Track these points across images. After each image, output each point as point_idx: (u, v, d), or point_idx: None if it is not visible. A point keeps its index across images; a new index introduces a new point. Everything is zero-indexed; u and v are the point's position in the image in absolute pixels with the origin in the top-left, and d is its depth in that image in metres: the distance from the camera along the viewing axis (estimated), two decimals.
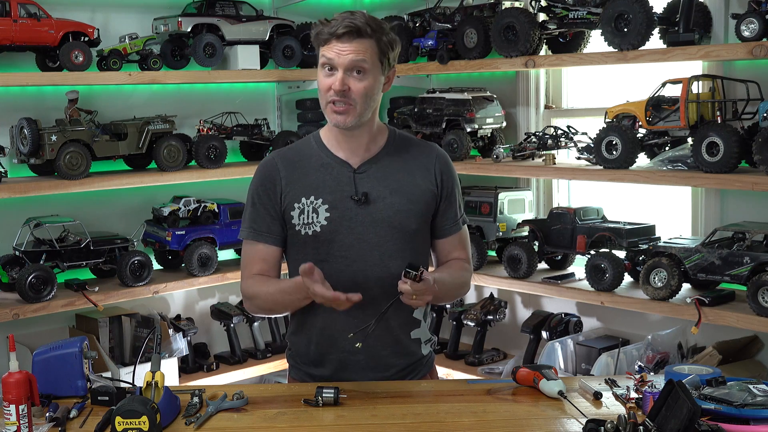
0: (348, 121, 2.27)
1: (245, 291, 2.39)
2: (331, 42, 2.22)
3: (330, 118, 2.29)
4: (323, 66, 2.25)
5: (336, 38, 2.21)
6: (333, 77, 2.23)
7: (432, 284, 2.17)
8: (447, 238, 2.44)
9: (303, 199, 2.33)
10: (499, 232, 3.91)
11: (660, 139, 3.37)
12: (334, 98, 2.24)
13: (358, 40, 2.21)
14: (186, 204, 4.02)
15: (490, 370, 3.95)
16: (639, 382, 2.13)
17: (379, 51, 2.25)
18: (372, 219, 2.31)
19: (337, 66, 2.22)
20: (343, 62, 2.21)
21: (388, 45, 2.27)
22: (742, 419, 1.91)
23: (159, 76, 3.86)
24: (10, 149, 3.64)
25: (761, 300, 2.97)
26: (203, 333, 4.32)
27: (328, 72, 2.25)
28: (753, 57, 2.94)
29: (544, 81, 4.13)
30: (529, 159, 3.88)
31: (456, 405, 2.14)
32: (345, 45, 2.21)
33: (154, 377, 2.00)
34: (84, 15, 3.84)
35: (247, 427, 2.02)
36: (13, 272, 3.60)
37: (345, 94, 2.23)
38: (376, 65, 2.25)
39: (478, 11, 3.89)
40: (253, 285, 2.37)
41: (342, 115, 2.26)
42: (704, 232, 3.40)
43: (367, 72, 2.24)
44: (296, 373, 2.47)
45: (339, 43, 2.21)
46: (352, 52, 2.21)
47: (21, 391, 1.95)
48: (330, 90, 2.24)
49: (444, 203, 2.41)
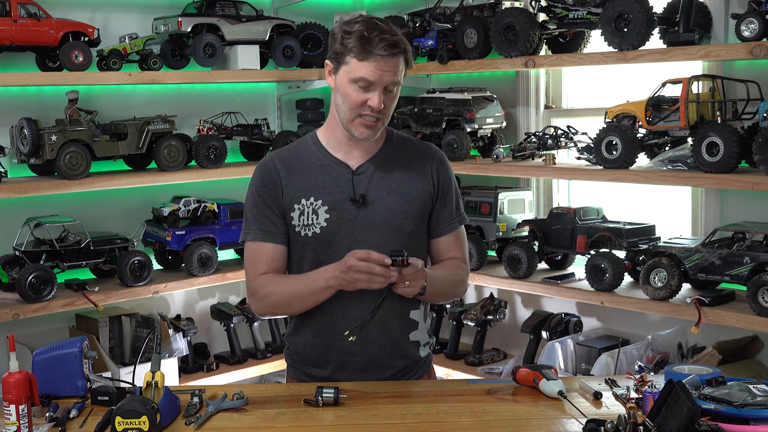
0: (376, 135, 2.29)
1: (257, 290, 2.36)
2: (371, 59, 2.19)
3: (358, 131, 2.27)
4: (356, 82, 2.22)
5: (380, 57, 2.18)
6: (369, 93, 2.22)
7: (421, 267, 2.20)
8: (442, 237, 2.44)
9: (303, 200, 2.32)
10: (499, 232, 3.91)
11: (660, 139, 3.37)
12: (368, 113, 2.24)
13: (396, 57, 2.21)
14: (186, 204, 4.02)
15: (490, 370, 3.95)
16: (639, 382, 2.13)
17: (405, 65, 2.26)
18: (370, 221, 2.31)
19: (376, 86, 2.21)
20: (383, 82, 2.21)
21: (410, 59, 2.28)
22: (742, 419, 1.91)
23: (159, 76, 3.86)
24: (10, 149, 3.64)
25: (761, 300, 2.97)
26: (203, 333, 4.33)
27: (362, 87, 2.22)
28: (753, 57, 2.94)
29: (544, 81, 4.13)
30: (529, 159, 3.88)
31: (456, 405, 2.14)
32: (386, 65, 2.20)
33: (154, 377, 2.00)
34: (84, 15, 3.84)
35: (247, 427, 2.02)
36: (13, 272, 3.60)
37: (380, 110, 2.24)
38: (402, 80, 2.28)
39: (478, 11, 3.89)
40: (266, 283, 2.34)
41: (371, 129, 2.27)
42: (704, 232, 3.40)
43: (398, 89, 2.27)
44: (294, 372, 2.47)
45: (382, 62, 2.19)
46: (391, 72, 2.21)
47: (21, 391, 1.95)
48: (364, 106, 2.23)
49: (439, 202, 2.41)
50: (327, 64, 2.31)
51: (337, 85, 2.28)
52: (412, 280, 2.19)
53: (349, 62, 2.22)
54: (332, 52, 2.27)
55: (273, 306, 2.38)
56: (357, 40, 2.19)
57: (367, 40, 2.18)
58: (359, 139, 2.30)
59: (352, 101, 2.24)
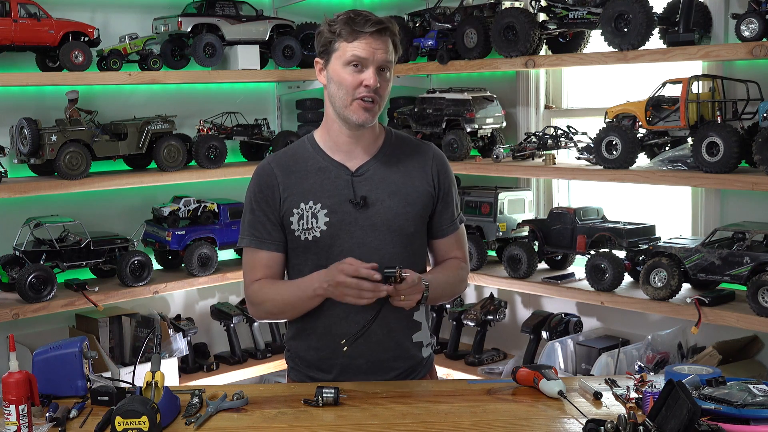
0: (374, 119, 2.28)
1: (252, 297, 2.37)
2: (361, 38, 2.20)
3: (356, 115, 2.25)
4: (349, 63, 2.22)
5: (369, 35, 2.19)
6: (364, 74, 2.22)
7: (417, 280, 2.18)
8: (444, 238, 2.44)
9: (302, 204, 2.31)
10: (499, 232, 3.91)
11: (660, 139, 3.37)
12: (364, 94, 2.22)
13: (385, 36, 2.22)
14: (186, 204, 4.02)
15: (490, 370, 3.95)
16: (639, 382, 2.13)
17: (395, 50, 2.27)
18: (371, 223, 2.30)
19: (369, 63, 2.21)
20: (376, 60, 2.21)
21: (398, 44, 2.29)
22: (742, 419, 1.91)
23: (159, 76, 3.86)
24: (10, 149, 3.64)
25: (761, 300, 2.97)
26: (203, 333, 4.32)
27: (355, 68, 2.22)
28: (753, 57, 2.94)
29: (544, 81, 4.13)
30: (529, 159, 3.88)
31: (456, 405, 2.14)
32: (376, 42, 2.20)
33: (154, 377, 2.00)
34: (84, 15, 3.84)
35: (247, 427, 2.02)
36: (13, 272, 3.60)
37: (375, 90, 2.23)
38: (393, 64, 2.28)
39: (478, 11, 3.89)
40: (259, 290, 2.35)
41: (369, 112, 2.25)
42: (704, 232, 3.40)
43: (391, 71, 2.27)
44: (296, 375, 2.46)
45: (371, 39, 2.20)
46: (382, 50, 2.21)
47: (21, 391, 1.95)
48: (360, 86, 2.22)
49: (441, 204, 2.40)
50: (317, 62, 2.32)
51: (330, 76, 2.27)
52: (407, 294, 2.18)
53: (338, 48, 2.23)
54: (320, 46, 2.28)
55: (268, 313, 2.41)
56: (344, 23, 2.21)
57: (353, 20, 2.20)
58: (357, 124, 2.26)
59: (347, 84, 2.23)
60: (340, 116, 2.29)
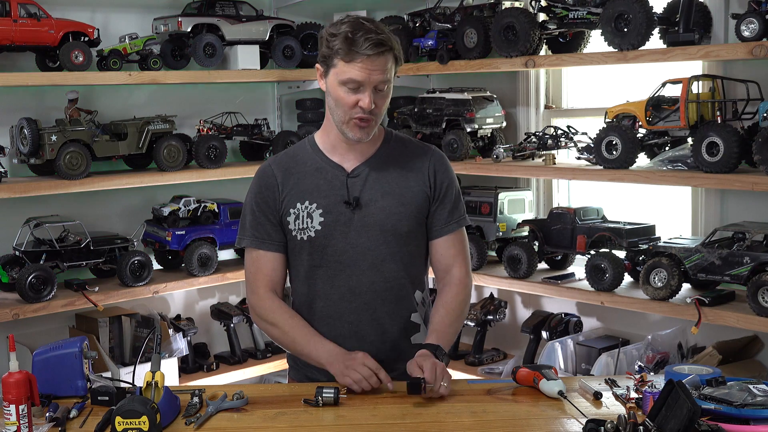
0: (369, 135, 2.28)
1: (261, 312, 2.37)
2: (358, 60, 2.17)
3: (352, 132, 2.26)
4: (345, 84, 2.21)
5: (367, 57, 2.17)
6: (359, 94, 2.21)
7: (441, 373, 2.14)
8: (439, 239, 2.41)
9: (298, 204, 2.33)
10: (499, 232, 3.91)
11: (660, 139, 3.37)
12: (360, 115, 2.23)
13: (384, 56, 2.19)
14: (186, 204, 4.02)
15: (490, 370, 3.95)
16: (639, 382, 2.13)
17: (394, 63, 2.25)
18: (364, 223, 2.31)
19: (365, 85, 2.20)
20: (372, 82, 2.20)
21: (400, 56, 2.27)
22: (742, 419, 1.91)
23: (159, 76, 3.86)
24: (10, 149, 3.64)
25: (761, 300, 2.97)
26: (203, 333, 4.32)
27: (351, 89, 2.21)
28: (753, 57, 2.94)
29: (544, 81, 4.13)
30: (529, 159, 3.88)
31: (456, 405, 2.14)
32: (373, 64, 2.18)
33: (154, 377, 2.00)
34: (84, 15, 3.83)
35: (247, 427, 2.02)
36: (13, 272, 3.60)
37: (371, 111, 2.23)
38: (393, 77, 2.26)
39: (478, 11, 3.89)
40: (273, 312, 2.35)
41: (365, 130, 2.26)
42: (704, 232, 3.40)
43: (389, 87, 2.26)
44: (297, 374, 2.48)
45: (368, 62, 2.17)
46: (379, 71, 2.19)
47: (21, 391, 1.95)
48: (355, 107, 2.22)
49: (436, 203, 2.39)
50: (317, 67, 2.31)
51: (328, 88, 2.28)
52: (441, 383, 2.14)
53: (336, 65, 2.21)
54: (321, 55, 2.27)
55: (270, 334, 2.43)
56: (342, 41, 2.18)
57: (352, 41, 2.17)
58: (353, 140, 2.29)
59: (343, 103, 2.23)
60: (338, 128, 2.30)
